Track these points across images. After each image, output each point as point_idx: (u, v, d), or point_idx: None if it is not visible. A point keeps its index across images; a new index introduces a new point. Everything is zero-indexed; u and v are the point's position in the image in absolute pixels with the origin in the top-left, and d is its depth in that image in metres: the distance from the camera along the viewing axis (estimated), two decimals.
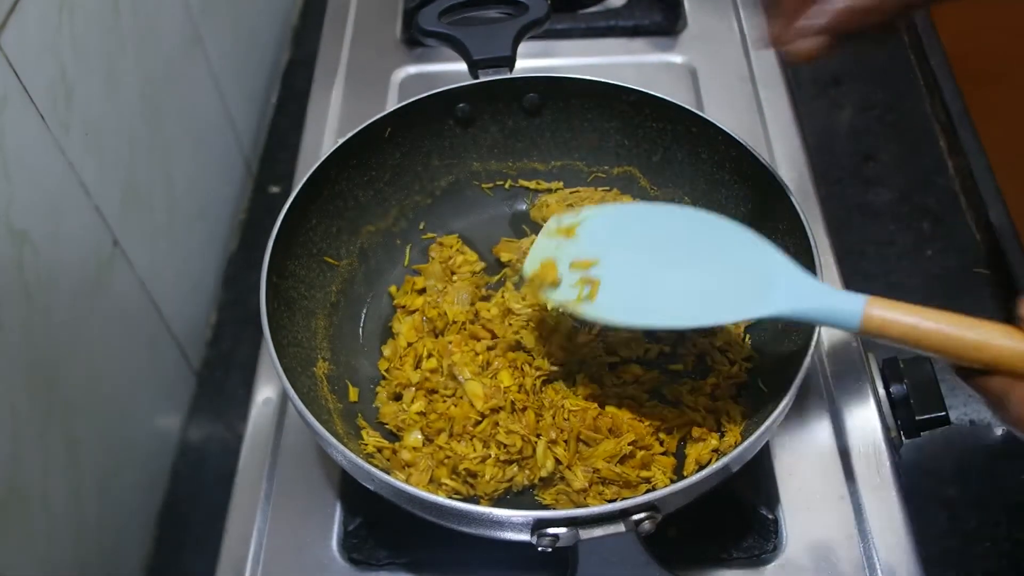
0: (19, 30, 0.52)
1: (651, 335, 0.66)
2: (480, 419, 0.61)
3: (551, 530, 0.48)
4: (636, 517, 0.47)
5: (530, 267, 0.55)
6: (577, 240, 0.56)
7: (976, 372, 0.44)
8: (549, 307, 0.54)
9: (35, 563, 0.54)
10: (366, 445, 0.61)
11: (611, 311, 0.52)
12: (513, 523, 0.48)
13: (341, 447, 0.51)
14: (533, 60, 0.89)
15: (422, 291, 0.70)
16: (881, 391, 0.66)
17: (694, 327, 0.51)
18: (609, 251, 0.55)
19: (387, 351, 0.68)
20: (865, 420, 0.64)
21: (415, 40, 0.92)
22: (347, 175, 0.67)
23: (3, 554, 0.51)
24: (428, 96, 0.68)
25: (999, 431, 0.68)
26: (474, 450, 0.60)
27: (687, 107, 0.66)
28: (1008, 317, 0.52)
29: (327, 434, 0.52)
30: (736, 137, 0.63)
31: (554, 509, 0.58)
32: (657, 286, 0.52)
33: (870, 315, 0.45)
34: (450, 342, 0.65)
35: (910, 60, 0.93)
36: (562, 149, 0.74)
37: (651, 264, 0.53)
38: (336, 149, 0.65)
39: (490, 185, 0.75)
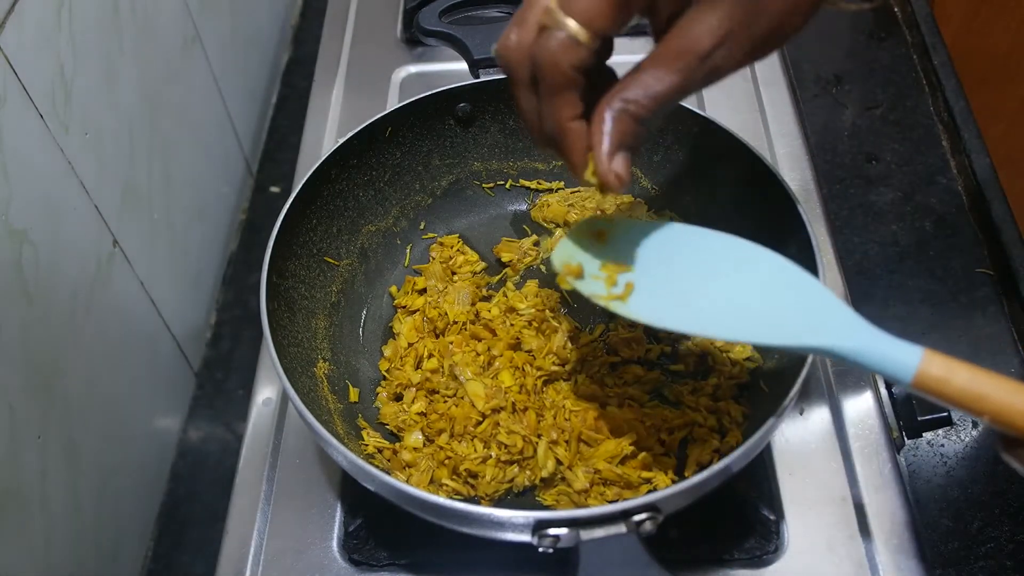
0: (18, 29, 0.52)
1: (653, 336, 0.66)
2: (481, 419, 0.61)
3: (552, 531, 0.48)
4: (637, 518, 0.47)
5: (558, 260, 0.54)
6: (609, 245, 0.54)
7: None
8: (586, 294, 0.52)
9: (33, 564, 0.54)
10: (366, 446, 0.61)
11: (646, 312, 0.50)
12: (514, 524, 0.48)
13: (341, 448, 0.51)
14: None
15: (423, 291, 0.70)
16: (883, 391, 0.66)
17: (733, 340, 0.49)
18: (643, 261, 0.52)
19: (388, 351, 0.68)
20: (867, 420, 0.64)
21: (415, 39, 0.92)
22: (347, 175, 0.68)
23: (1, 555, 0.51)
24: (429, 95, 0.68)
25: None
26: (475, 451, 0.60)
27: (688, 107, 0.66)
28: (1009, 318, 0.51)
29: (327, 435, 0.52)
30: (737, 137, 0.63)
31: (555, 510, 0.58)
32: (696, 298, 0.50)
33: (926, 372, 0.42)
34: (451, 342, 0.65)
35: (912, 59, 0.93)
36: None
37: (690, 278, 0.51)
38: (336, 149, 0.65)
39: (491, 185, 0.75)
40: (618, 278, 0.52)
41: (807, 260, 0.55)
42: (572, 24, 0.41)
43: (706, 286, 0.50)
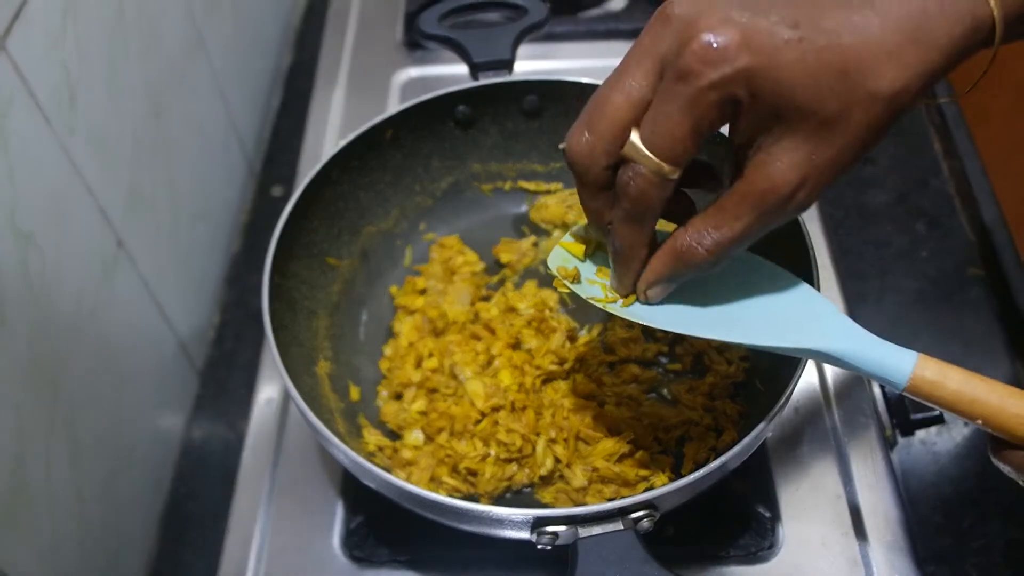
0: (24, 34, 0.52)
1: (650, 335, 0.66)
2: (480, 418, 0.61)
3: (550, 528, 0.48)
4: (635, 515, 0.47)
5: (554, 264, 0.54)
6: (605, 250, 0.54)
7: (1019, 449, 0.41)
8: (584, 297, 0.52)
9: (39, 561, 0.54)
10: (367, 444, 0.61)
11: (645, 313, 0.49)
12: (512, 521, 0.48)
13: (342, 446, 0.51)
14: (533, 62, 0.89)
15: (423, 291, 0.70)
16: (876, 390, 0.66)
17: (729, 341, 0.48)
18: None
19: (388, 351, 0.68)
20: (861, 419, 0.64)
21: (416, 43, 0.92)
22: (348, 177, 0.68)
23: (7, 552, 0.51)
24: (429, 98, 0.68)
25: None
26: (474, 449, 0.60)
27: None
28: (999, 318, 0.51)
29: (329, 433, 0.52)
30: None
31: (553, 507, 0.58)
32: (693, 300, 0.49)
33: (920, 376, 0.42)
34: (451, 342, 0.65)
35: None
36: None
37: (686, 284, 0.49)
38: (338, 151, 0.65)
39: (490, 186, 0.75)
40: None
41: (803, 261, 0.56)
42: (658, 162, 0.39)
43: (703, 290, 0.50)
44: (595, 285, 0.52)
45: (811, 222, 0.74)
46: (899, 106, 0.38)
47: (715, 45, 0.36)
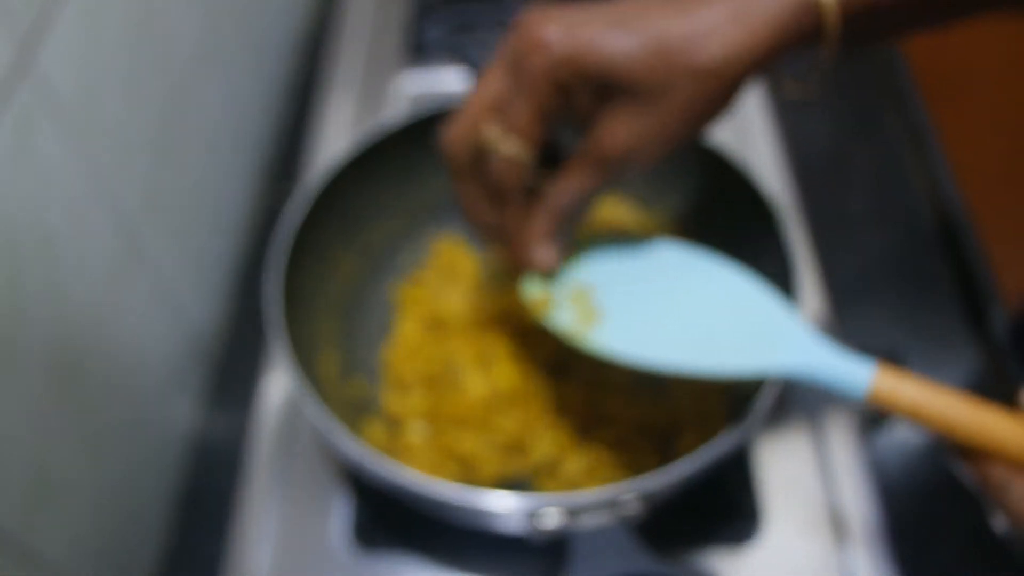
0: (53, 48, 0.52)
1: None
2: (480, 410, 0.61)
3: (545, 517, 0.47)
4: (627, 505, 0.47)
5: (528, 293, 0.53)
6: (576, 264, 0.53)
7: (978, 457, 0.41)
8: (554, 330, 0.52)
9: (61, 544, 0.54)
10: (370, 436, 0.61)
11: (610, 342, 0.49)
12: (508, 511, 0.48)
13: (344, 438, 0.51)
14: None
15: (424, 289, 0.70)
16: None
17: (694, 374, 0.47)
18: (608, 280, 0.51)
19: (390, 347, 0.67)
20: (840, 407, 0.65)
21: (419, 52, 0.92)
22: (352, 180, 0.67)
23: (36, 536, 0.51)
24: (430, 105, 0.68)
25: None
26: (474, 439, 0.60)
27: None
28: (965, 315, 0.50)
29: (332, 425, 0.51)
30: (719, 147, 0.63)
31: (549, 495, 0.58)
32: (657, 322, 0.48)
33: (878, 386, 0.41)
34: (452, 337, 0.65)
35: (879, 73, 0.93)
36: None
37: (652, 299, 0.50)
38: (342, 157, 0.65)
39: None
40: (587, 302, 0.51)
41: (781, 261, 0.56)
42: (510, 144, 0.44)
43: (665, 304, 0.49)
44: (568, 311, 0.51)
45: (793, 226, 0.75)
46: (729, 79, 0.40)
47: (543, 39, 0.41)
